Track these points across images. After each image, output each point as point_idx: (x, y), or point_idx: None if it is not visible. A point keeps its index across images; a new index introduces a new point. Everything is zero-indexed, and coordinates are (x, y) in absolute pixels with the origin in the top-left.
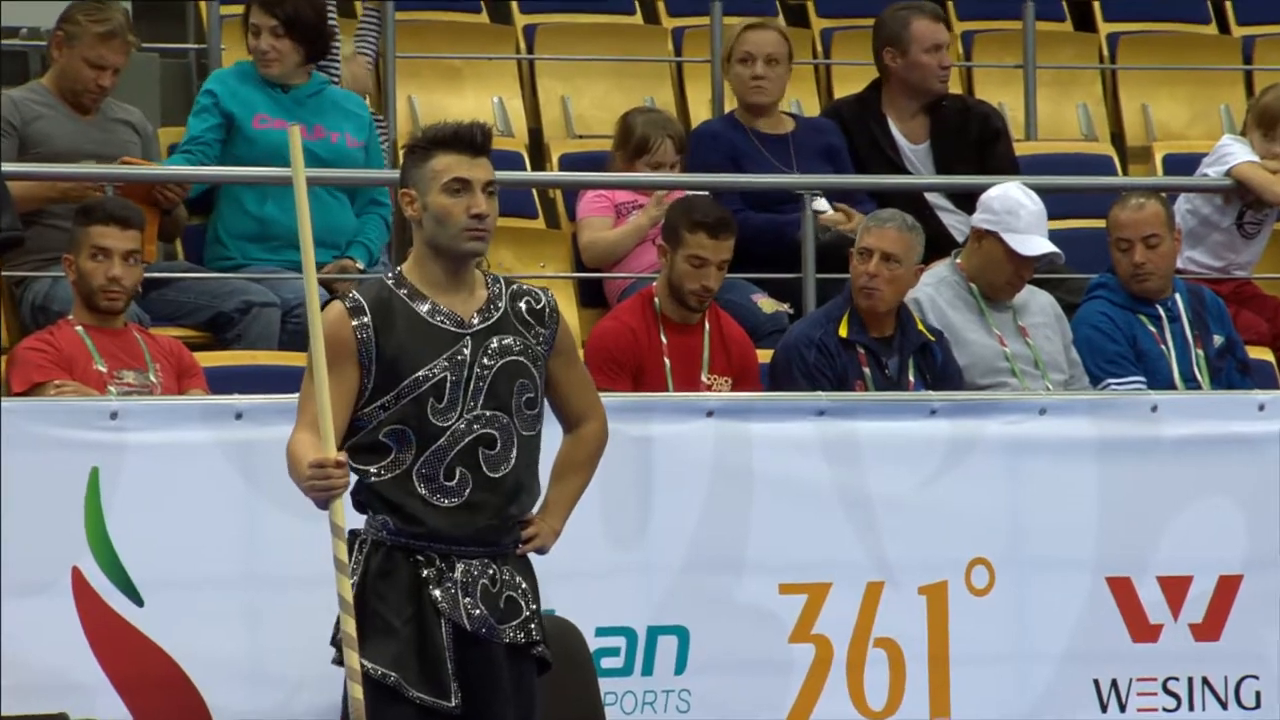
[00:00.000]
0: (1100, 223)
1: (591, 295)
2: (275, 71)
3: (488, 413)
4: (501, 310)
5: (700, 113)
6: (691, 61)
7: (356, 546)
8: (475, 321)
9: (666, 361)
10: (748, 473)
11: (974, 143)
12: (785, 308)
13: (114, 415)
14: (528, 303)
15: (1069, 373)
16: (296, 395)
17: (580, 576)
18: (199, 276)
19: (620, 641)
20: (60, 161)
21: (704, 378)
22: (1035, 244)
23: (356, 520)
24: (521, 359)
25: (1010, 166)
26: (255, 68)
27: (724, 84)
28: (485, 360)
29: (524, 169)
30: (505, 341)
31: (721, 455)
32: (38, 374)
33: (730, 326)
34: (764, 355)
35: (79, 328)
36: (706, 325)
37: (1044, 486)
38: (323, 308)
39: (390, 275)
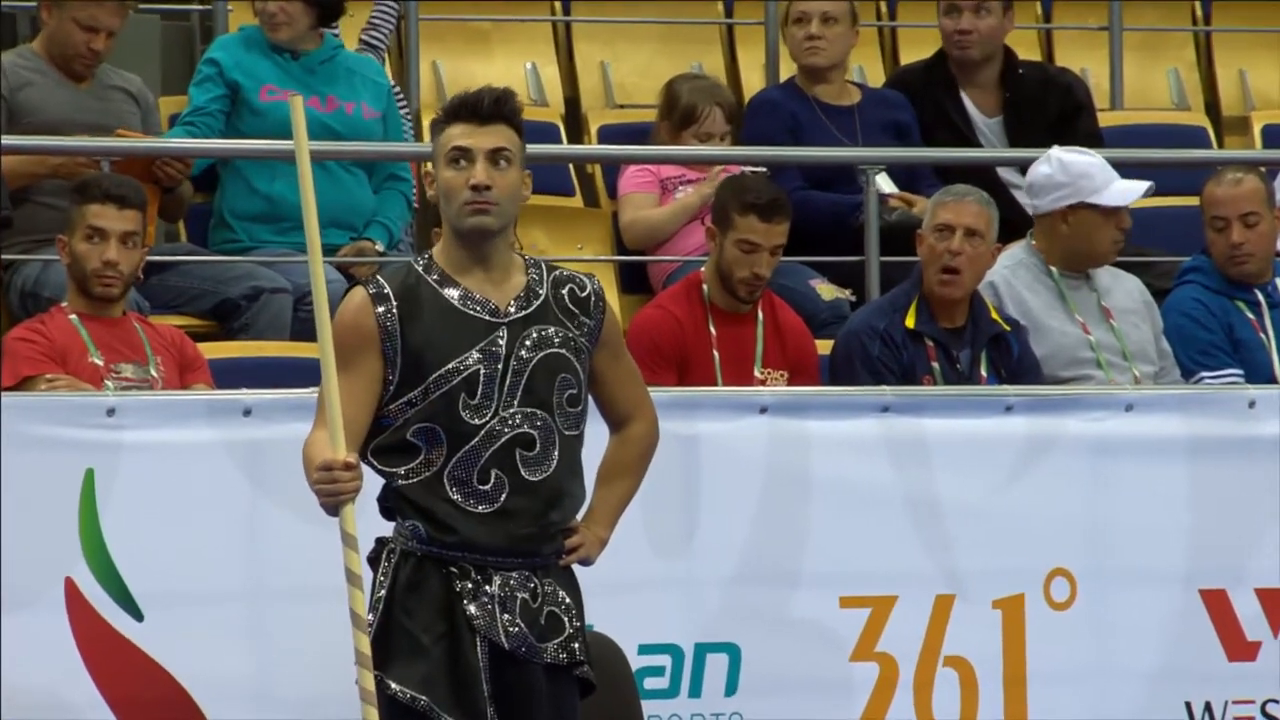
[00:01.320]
0: (1193, 200)
1: (634, 280)
2: (284, 36)
3: (526, 410)
4: (542, 298)
5: (753, 80)
6: (744, 24)
7: (384, 556)
8: (512, 310)
9: (716, 353)
10: (805, 475)
11: (1054, 117)
12: (847, 294)
13: (111, 412)
14: (571, 290)
15: (1159, 364)
16: (311, 390)
17: (621, 589)
18: (203, 260)
19: (665, 660)
20: (52, 133)
21: (757, 371)
22: (1123, 189)
23: (384, 527)
24: (563, 351)
25: (1094, 144)
26: (262, 32)
27: (779, 49)
28: (523, 353)
29: (559, 141)
30: (545, 332)
31: (776, 456)
32: (27, 367)
33: (786, 315)
34: (823, 346)
35: (73, 316)
36: (760, 314)
37: (1130, 490)
38: (344, 294)
39: (420, 259)
